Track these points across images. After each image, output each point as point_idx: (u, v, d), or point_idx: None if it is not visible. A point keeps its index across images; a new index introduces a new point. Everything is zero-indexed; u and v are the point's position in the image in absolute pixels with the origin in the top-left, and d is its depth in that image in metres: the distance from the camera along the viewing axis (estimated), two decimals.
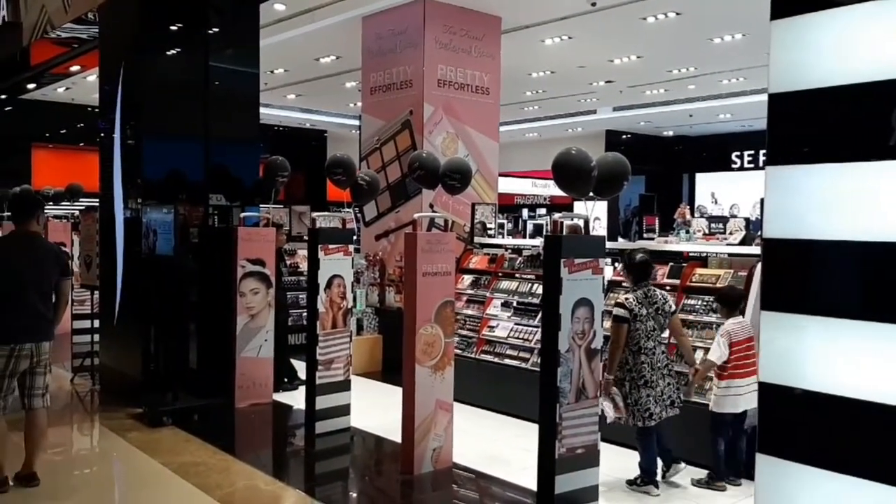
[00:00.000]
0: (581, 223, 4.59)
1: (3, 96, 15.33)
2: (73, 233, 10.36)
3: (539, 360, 6.46)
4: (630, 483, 5.21)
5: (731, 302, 5.35)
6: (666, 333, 5.47)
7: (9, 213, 5.35)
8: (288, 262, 9.62)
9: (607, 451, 4.78)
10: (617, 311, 5.07)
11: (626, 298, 5.12)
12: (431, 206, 8.93)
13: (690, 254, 6.60)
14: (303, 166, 17.78)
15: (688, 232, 11.07)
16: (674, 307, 5.31)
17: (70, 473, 5.75)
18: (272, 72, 13.44)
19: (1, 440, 5.00)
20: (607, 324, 5.09)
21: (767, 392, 2.47)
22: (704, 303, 5.99)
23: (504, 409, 7.08)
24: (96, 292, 8.24)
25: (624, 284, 5.50)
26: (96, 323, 8.27)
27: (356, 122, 19.06)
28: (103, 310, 8.03)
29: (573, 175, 4.53)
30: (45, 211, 9.15)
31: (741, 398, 5.15)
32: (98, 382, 8.03)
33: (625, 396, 5.02)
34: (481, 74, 9.78)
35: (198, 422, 6.87)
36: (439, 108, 9.36)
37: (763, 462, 2.47)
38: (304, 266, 9.83)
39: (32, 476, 5.07)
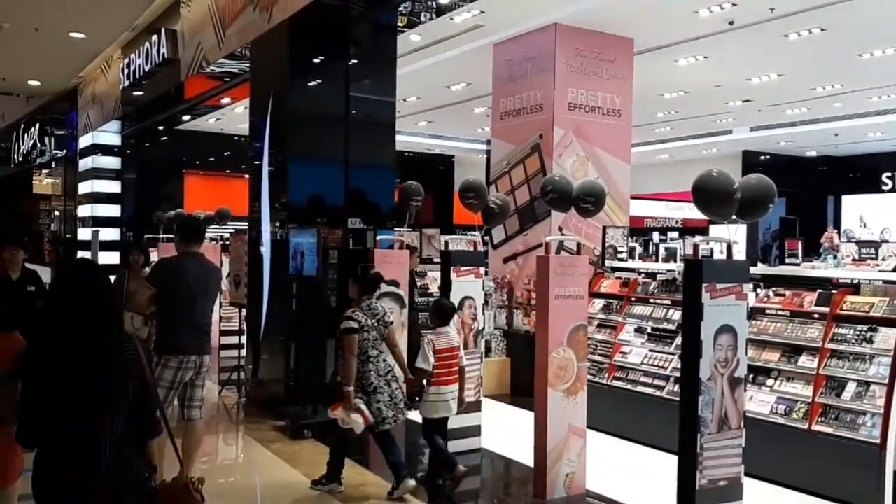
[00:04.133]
0: (724, 247, 4.46)
1: (161, 127, 16.60)
2: (222, 254, 11.05)
3: (676, 389, 6.32)
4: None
5: (448, 314, 5.80)
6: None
7: (176, 236, 5.84)
8: (418, 284, 9.82)
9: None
10: (348, 323, 5.41)
11: (354, 311, 5.48)
12: (560, 229, 8.89)
13: (840, 280, 6.26)
14: (431, 190, 18.15)
15: (835, 257, 10.43)
16: (391, 319, 5.70)
17: (218, 481, 6.11)
18: (405, 100, 13.85)
19: (160, 448, 5.38)
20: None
21: None
22: (857, 332, 5.63)
23: (636, 437, 6.91)
24: (243, 310, 8.74)
25: (352, 297, 5.77)
26: (243, 339, 8.76)
27: (483, 147, 19.32)
28: (250, 327, 8.51)
29: (714, 198, 4.43)
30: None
31: (448, 403, 5.66)
32: (244, 395, 8.50)
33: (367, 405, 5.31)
34: (612, 97, 9.69)
35: None
36: (569, 131, 9.35)
37: None
38: (433, 288, 10.01)
39: None
